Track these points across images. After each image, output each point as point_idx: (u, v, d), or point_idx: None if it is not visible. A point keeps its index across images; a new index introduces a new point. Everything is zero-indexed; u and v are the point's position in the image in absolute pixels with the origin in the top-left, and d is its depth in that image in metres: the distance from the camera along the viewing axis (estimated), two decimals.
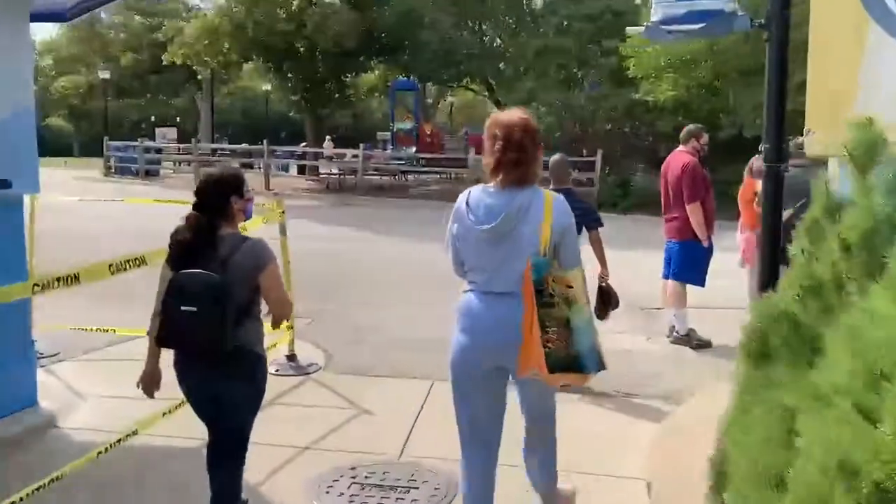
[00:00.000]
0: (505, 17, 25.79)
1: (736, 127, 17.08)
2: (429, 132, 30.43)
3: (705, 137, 7.18)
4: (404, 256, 11.28)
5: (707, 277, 6.99)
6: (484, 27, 27.07)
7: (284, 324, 3.39)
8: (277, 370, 5.87)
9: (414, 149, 28.10)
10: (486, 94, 30.29)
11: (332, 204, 20.29)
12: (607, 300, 5.25)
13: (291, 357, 6.12)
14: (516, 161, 2.99)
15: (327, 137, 26.46)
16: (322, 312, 7.84)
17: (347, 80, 26.12)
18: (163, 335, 3.05)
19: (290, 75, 25.09)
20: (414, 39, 22.71)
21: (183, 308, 2.94)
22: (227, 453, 3.25)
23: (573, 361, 2.85)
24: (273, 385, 5.57)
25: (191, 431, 3.84)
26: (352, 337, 7.10)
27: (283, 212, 5.94)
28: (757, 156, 8.39)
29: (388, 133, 31.65)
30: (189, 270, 2.99)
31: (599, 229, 5.60)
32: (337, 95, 25.53)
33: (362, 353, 6.60)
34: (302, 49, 22.34)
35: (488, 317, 3.02)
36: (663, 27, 3.53)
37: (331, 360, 6.34)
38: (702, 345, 6.97)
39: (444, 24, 23.17)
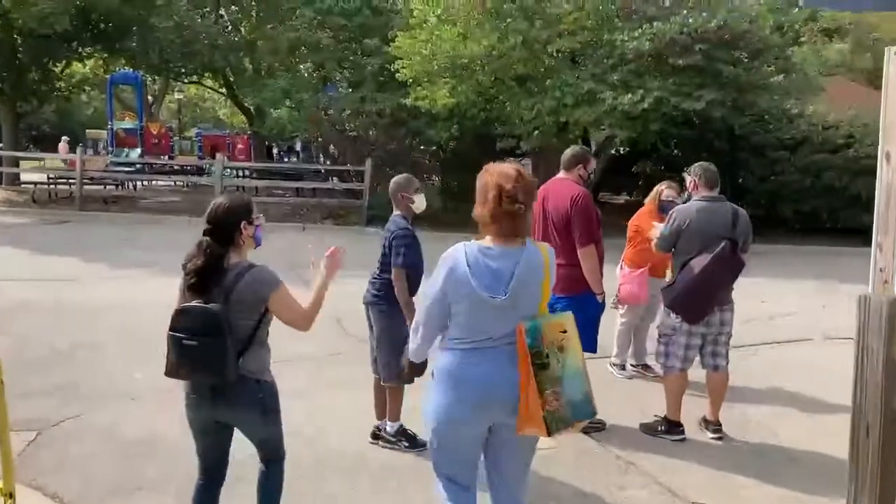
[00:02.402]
0: (252, 6, 22.98)
1: (514, 138, 16.25)
2: (156, 132, 27.70)
3: (593, 163, 5.70)
4: (166, 299, 8.17)
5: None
6: (225, 15, 24.01)
7: None
8: None
9: (139, 151, 25.11)
10: (224, 91, 27.38)
11: (44, 222, 16.22)
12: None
13: None
14: (513, 213, 2.92)
15: (63, 138, 22.17)
16: (57, 419, 5.13)
17: (57, 69, 21.69)
18: (170, 368, 3.10)
19: None
20: (144, 24, 19.20)
21: (184, 343, 3.00)
22: (270, 462, 3.35)
23: (568, 414, 2.87)
24: None
25: None
26: (113, 469, 4.44)
27: None
28: (668, 182, 6.77)
29: (102, 132, 28.04)
30: (187, 304, 3.06)
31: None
32: (43, 87, 21.01)
33: (138, 500, 4.12)
34: None
35: (490, 372, 2.93)
36: None
37: None
38: (595, 426, 5.51)
39: (181, 8, 19.91)
